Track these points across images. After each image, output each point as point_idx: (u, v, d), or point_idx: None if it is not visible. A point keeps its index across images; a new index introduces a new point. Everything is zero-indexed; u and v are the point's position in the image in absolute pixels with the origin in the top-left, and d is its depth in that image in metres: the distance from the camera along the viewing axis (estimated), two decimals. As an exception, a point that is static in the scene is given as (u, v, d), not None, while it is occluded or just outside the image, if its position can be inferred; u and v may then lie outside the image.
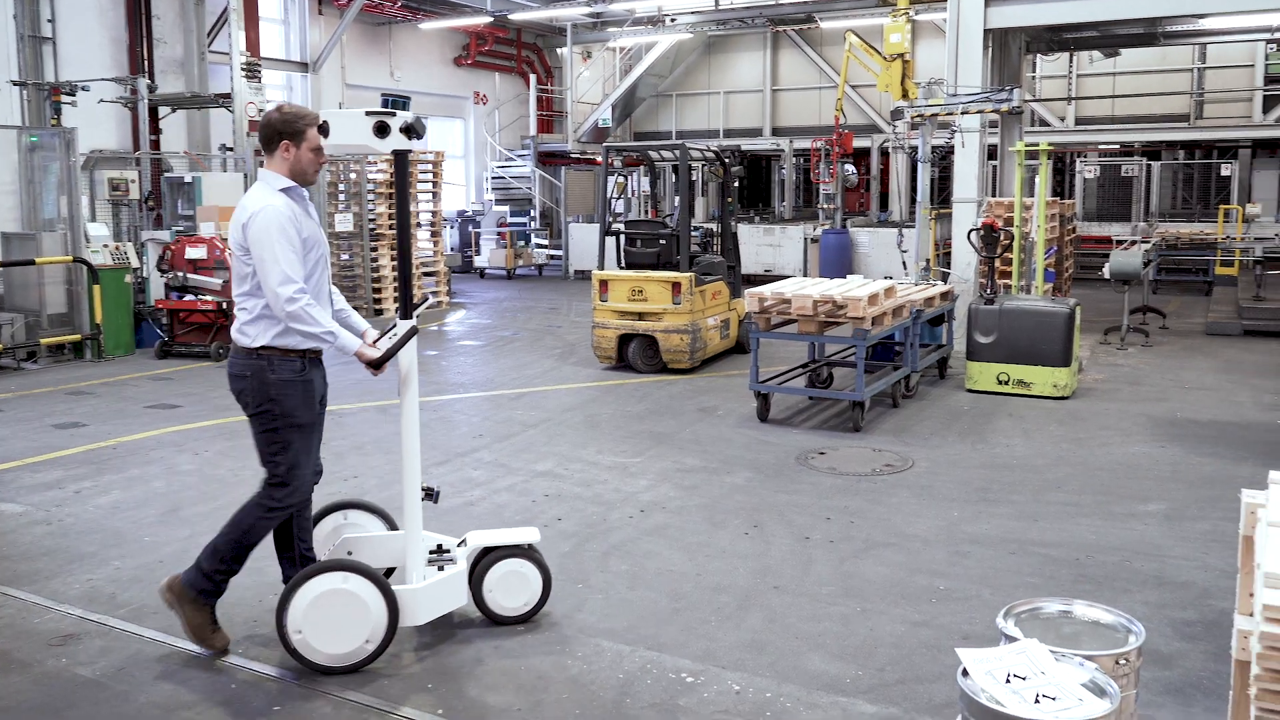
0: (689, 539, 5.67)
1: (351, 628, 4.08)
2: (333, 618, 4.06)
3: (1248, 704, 2.48)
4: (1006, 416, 8.56)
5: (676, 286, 10.33)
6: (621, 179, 19.36)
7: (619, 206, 19.58)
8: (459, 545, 4.63)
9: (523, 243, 22.01)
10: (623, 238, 11.03)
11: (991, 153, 14.05)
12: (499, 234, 22.24)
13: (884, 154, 21.57)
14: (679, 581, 5.06)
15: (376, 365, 4.21)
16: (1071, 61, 20.86)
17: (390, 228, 15.46)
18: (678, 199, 11.34)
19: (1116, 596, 4.79)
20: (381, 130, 4.05)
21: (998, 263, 10.08)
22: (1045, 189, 10.50)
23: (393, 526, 4.81)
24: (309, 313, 4.04)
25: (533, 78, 24.83)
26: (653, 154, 13.09)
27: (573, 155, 24.27)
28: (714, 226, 13.31)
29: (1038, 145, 10.66)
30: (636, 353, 10.60)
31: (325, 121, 4.13)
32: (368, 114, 4.06)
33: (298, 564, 4.46)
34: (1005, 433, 8.03)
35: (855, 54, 16.12)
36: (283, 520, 4.36)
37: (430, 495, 4.41)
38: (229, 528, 4.26)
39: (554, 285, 19.95)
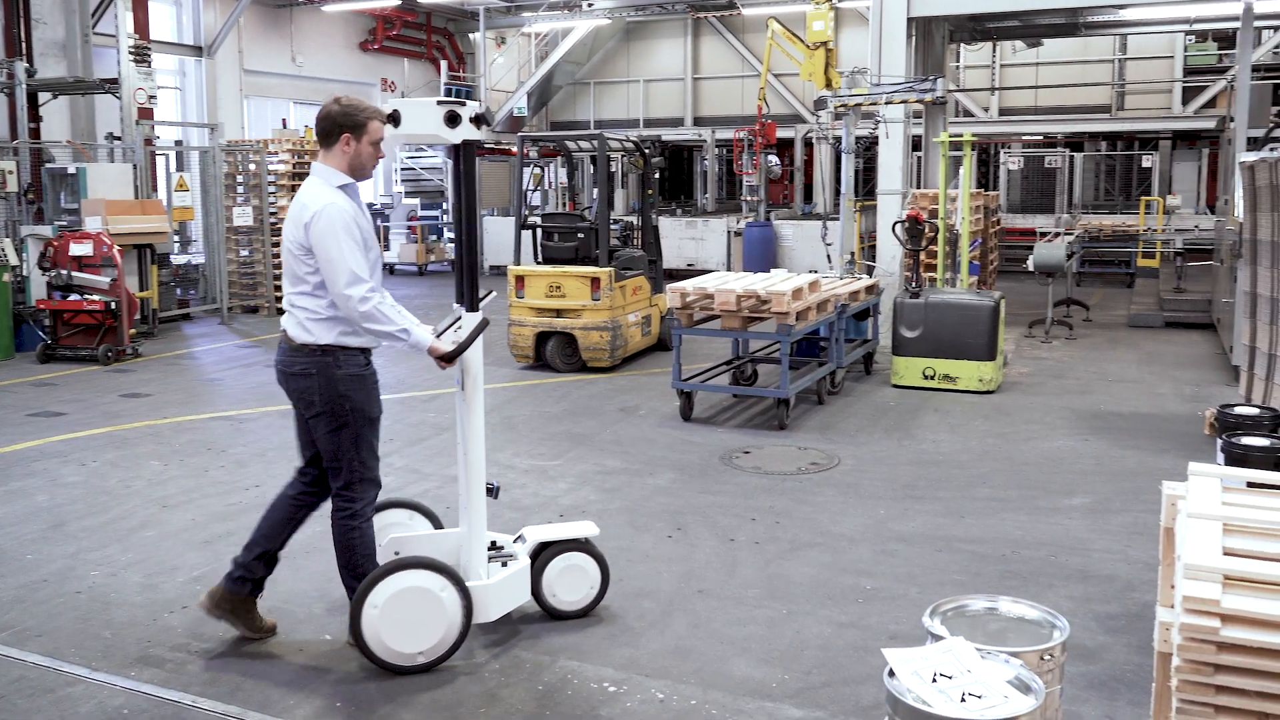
0: (611, 544, 5.65)
1: (427, 626, 4.15)
2: (408, 616, 4.12)
3: (1170, 696, 2.57)
4: (932, 412, 8.74)
5: (596, 282, 10.33)
6: (538, 170, 19.29)
7: (535, 199, 19.51)
8: (515, 541, 4.72)
9: (435, 237, 21.79)
10: (539, 232, 10.99)
11: (916, 143, 14.33)
12: (409, 228, 21.99)
13: (808, 144, 21.85)
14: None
15: (449, 360, 4.24)
16: (995, 51, 21.39)
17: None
18: (596, 191, 11.34)
19: (1042, 592, 4.92)
20: (453, 120, 4.18)
21: (923, 255, 10.29)
22: (969, 180, 10.74)
23: (437, 525, 4.90)
24: (382, 311, 4.10)
25: (444, 64, 24.60)
26: (570, 144, 13.06)
27: (486, 146, 24.04)
28: (634, 219, 13.34)
29: (962, 136, 10.90)
30: (555, 351, 10.57)
31: (396, 111, 4.18)
32: (439, 103, 4.16)
33: (267, 561, 4.42)
34: (931, 428, 8.20)
35: (778, 42, 16.30)
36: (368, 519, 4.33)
37: (492, 491, 4.50)
38: (342, 558, 4.31)
39: (468, 281, 19.74)
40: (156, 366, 11.04)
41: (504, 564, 4.52)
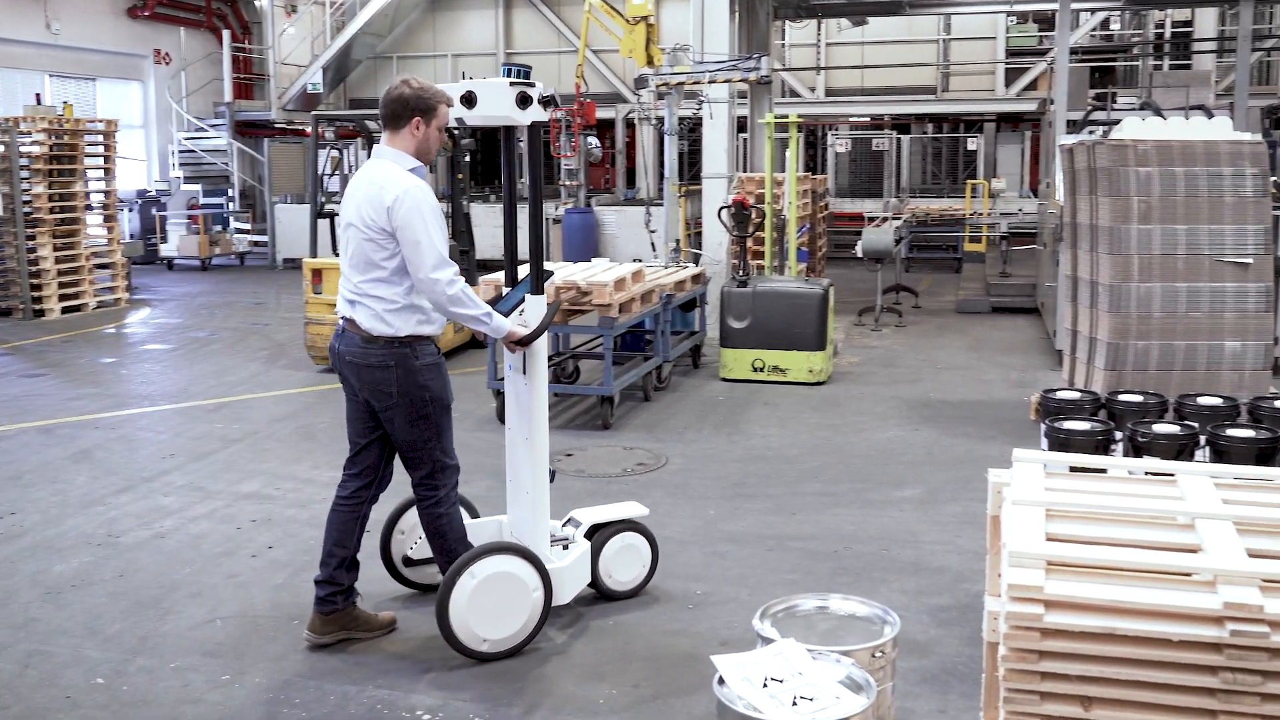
0: (423, 559, 5.60)
1: (513, 611, 4.41)
2: (495, 602, 4.37)
3: (999, 686, 2.71)
4: (762, 405, 8.97)
5: (402, 274, 10.15)
6: (336, 153, 18.81)
7: (334, 184, 19.04)
8: (564, 525, 5.01)
9: (220, 228, 20.96)
10: (338, 220, 10.72)
11: (741, 125, 14.66)
12: (190, 218, 21.03)
13: (630, 126, 22.05)
14: (409, 607, 4.99)
15: (526, 344, 4.57)
16: (820, 30, 22.09)
17: (51, 211, 14.33)
18: (400, 175, 11.13)
19: (874, 587, 5.12)
20: (524, 101, 4.42)
21: (750, 242, 10.55)
22: (796, 164, 11.07)
23: (474, 514, 5.14)
24: (468, 295, 4.31)
25: (226, 34, 23.66)
26: (371, 124, 12.79)
27: (278, 125, 23.33)
28: (444, 207, 13.17)
29: (788, 117, 11.21)
30: (358, 351, 10.32)
31: (470, 93, 4.42)
32: (511, 84, 4.41)
33: (347, 566, 4.62)
34: (761, 422, 8.42)
35: (596, 15, 16.36)
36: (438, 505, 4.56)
37: (551, 476, 4.80)
38: (434, 544, 4.58)
39: (259, 276, 19.16)
40: (-112, 379, 10.25)
41: (565, 548, 4.85)
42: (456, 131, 11.82)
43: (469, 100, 4.42)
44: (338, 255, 10.46)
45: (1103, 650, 2.54)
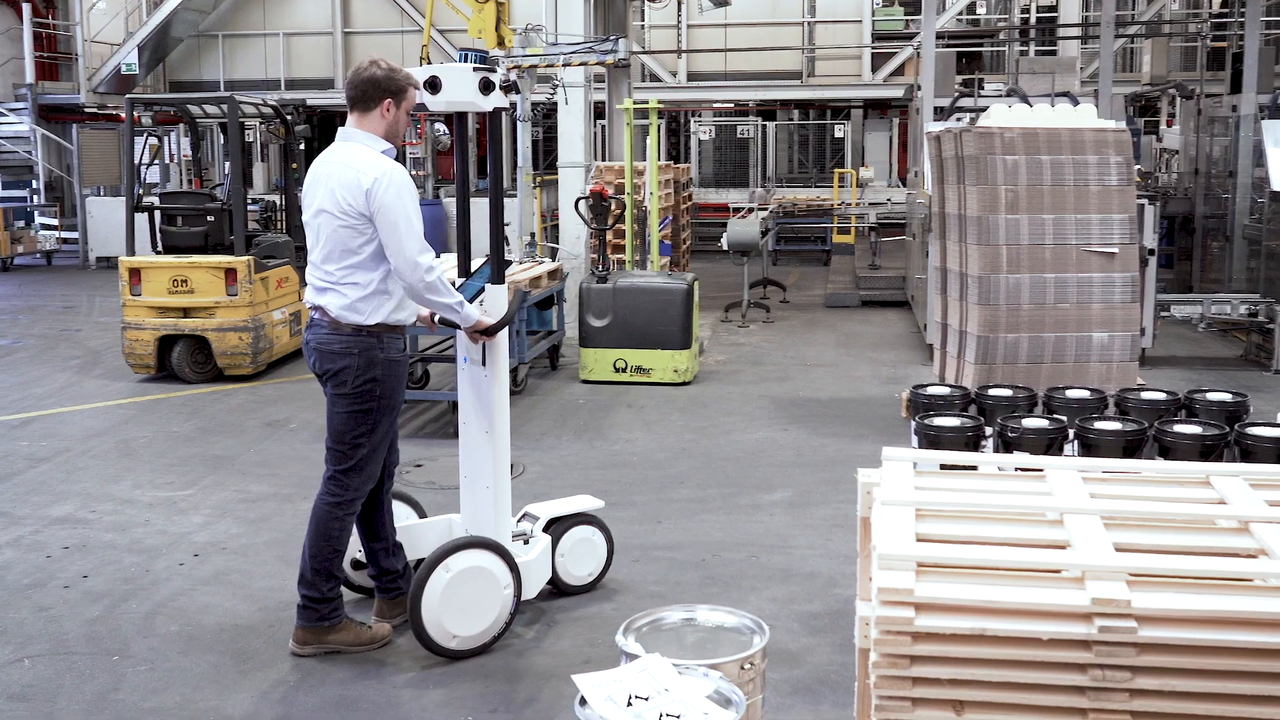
0: (258, 584, 5.52)
1: (485, 607, 4.61)
2: (467, 598, 4.55)
3: (871, 694, 2.78)
4: (625, 408, 9.02)
5: (231, 274, 9.95)
6: (155, 140, 18.23)
7: (153, 175, 18.43)
8: (520, 520, 5.21)
9: (22, 223, 20.12)
10: (159, 215, 10.50)
11: (599, 111, 14.70)
12: (-12, 212, 20.15)
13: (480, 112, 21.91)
14: (247, 638, 4.92)
15: (492, 334, 4.75)
16: (680, 10, 22.29)
17: None
18: (229, 165, 10.91)
19: (744, 596, 5.21)
20: (486, 87, 4.62)
21: (610, 235, 10.59)
22: (658, 152, 11.16)
23: (421, 513, 5.37)
24: (445, 282, 4.49)
25: (27, 7, 22.69)
26: (194, 109, 12.44)
27: (88, 110, 22.48)
28: (277, 199, 12.90)
29: (648, 103, 11.30)
30: (183, 358, 10.07)
31: (435, 77, 4.56)
32: (474, 69, 4.59)
33: (391, 552, 4.87)
34: (625, 426, 8.47)
35: (441, -7, 16.22)
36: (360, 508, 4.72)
37: (514, 470, 4.99)
38: (315, 544, 4.60)
39: (69, 277, 18.46)
40: None
41: (525, 542, 5.06)
42: (290, 116, 11.60)
43: (434, 85, 4.56)
44: (159, 253, 10.23)
45: (974, 652, 2.63)
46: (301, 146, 11.60)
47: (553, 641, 4.83)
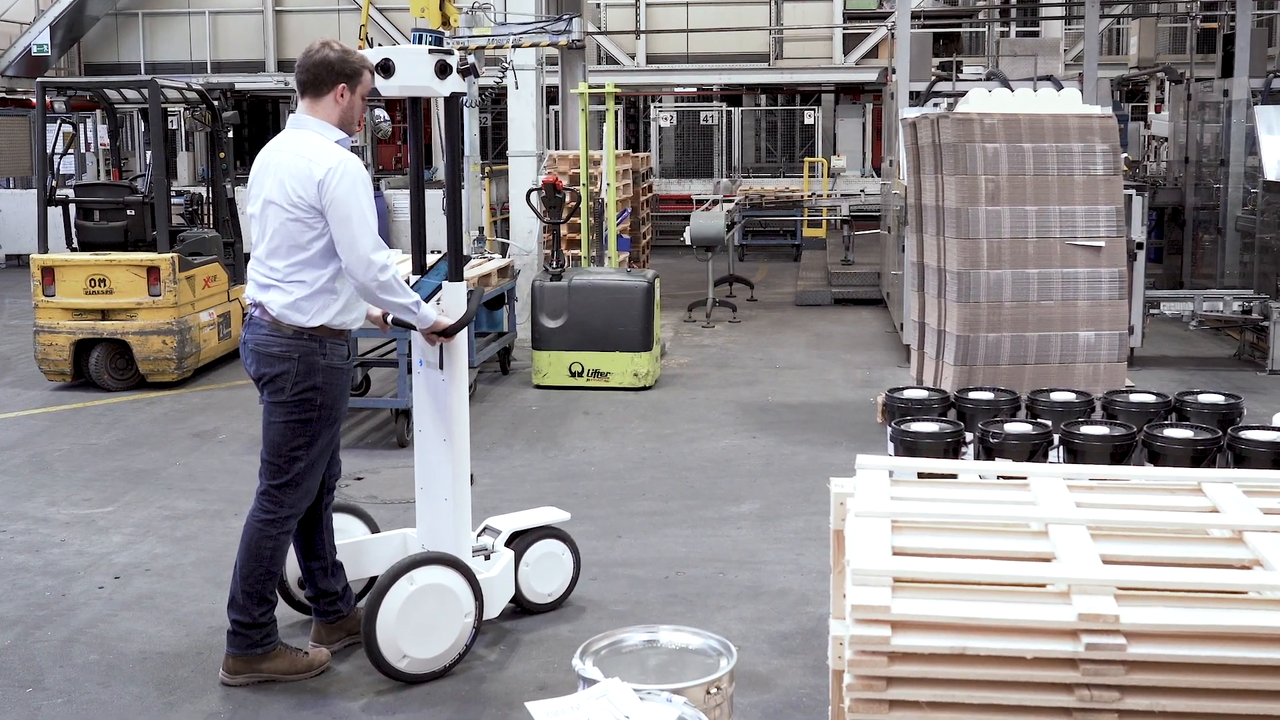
0: (185, 608, 5.47)
1: (444, 628, 4.59)
2: (426, 619, 4.53)
3: (845, 718, 2.79)
4: (582, 415, 9.02)
5: (154, 272, 9.86)
6: (69, 128, 18.06)
7: (68, 165, 18.24)
8: (480, 534, 5.22)
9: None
10: (74, 208, 10.41)
11: (552, 96, 14.69)
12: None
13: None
14: (174, 666, 4.87)
15: (450, 335, 4.72)
16: (639, -13, 22.36)
17: None
18: (150, 155, 10.81)
19: (710, 615, 5.21)
20: (443, 71, 4.59)
21: (564, 229, 10.59)
22: (615, 140, 11.17)
23: (374, 528, 5.37)
24: (400, 281, 4.49)
25: (-74, -16, 22.43)
26: (112, 93, 12.33)
27: (-4, 95, 22.24)
28: (203, 191, 12.80)
29: (604, 87, 11.30)
30: (101, 364, 9.98)
31: (388, 60, 4.55)
32: (430, 52, 4.58)
33: (331, 572, 4.83)
34: (581, 434, 8.47)
35: (379, -31, 16.16)
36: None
37: (472, 479, 5.04)
38: (246, 565, 4.54)
39: (-24, 276, 18.25)
40: None
41: (486, 558, 5.05)
42: (218, 102, 11.51)
43: (386, 68, 4.55)
44: (74, 250, 10.12)
45: (954, 672, 2.65)
46: (229, 134, 11.51)
47: (510, 665, 4.81)
